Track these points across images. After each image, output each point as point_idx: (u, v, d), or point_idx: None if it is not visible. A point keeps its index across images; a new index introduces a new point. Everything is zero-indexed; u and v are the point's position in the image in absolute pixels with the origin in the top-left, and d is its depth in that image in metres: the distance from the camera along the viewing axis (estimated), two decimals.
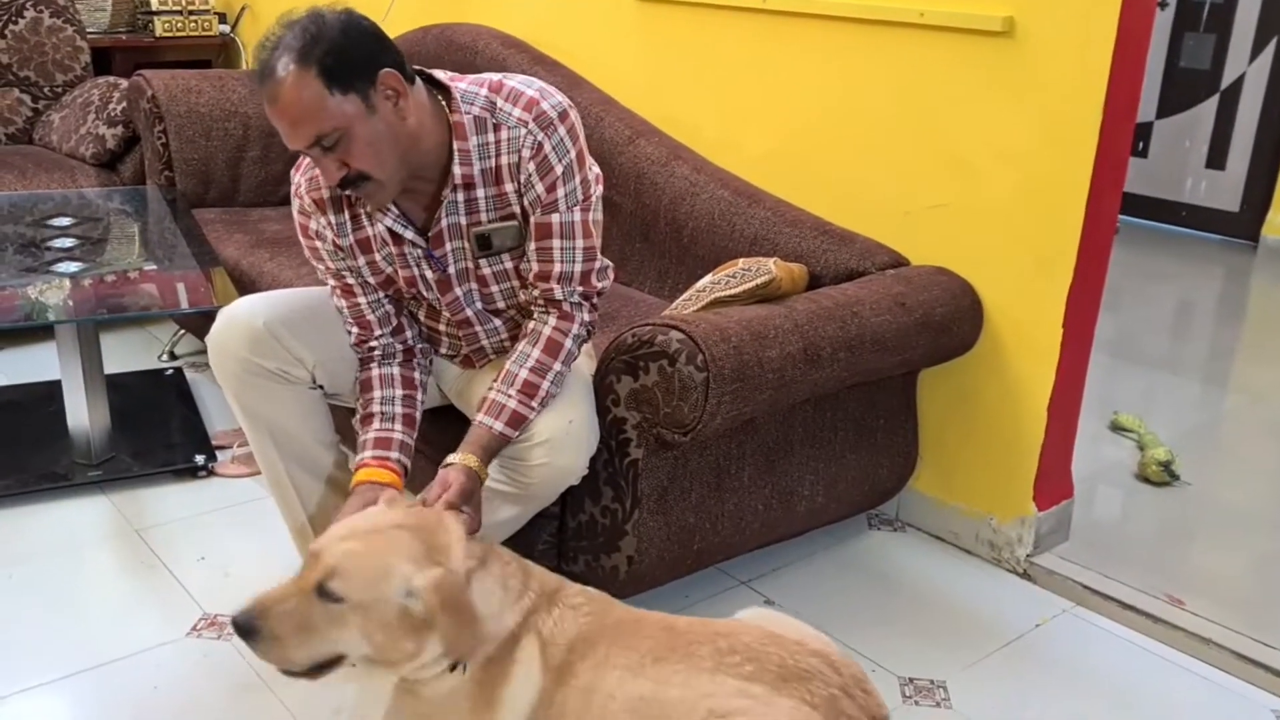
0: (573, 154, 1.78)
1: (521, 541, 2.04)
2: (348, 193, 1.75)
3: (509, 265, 1.87)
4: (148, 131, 3.32)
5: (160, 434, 2.80)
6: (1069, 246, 2.16)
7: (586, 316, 1.89)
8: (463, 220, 1.82)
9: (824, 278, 2.31)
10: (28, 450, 2.67)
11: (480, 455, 1.74)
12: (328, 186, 1.79)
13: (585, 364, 2.00)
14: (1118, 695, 2.00)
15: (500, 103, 1.77)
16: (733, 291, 2.08)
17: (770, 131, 2.64)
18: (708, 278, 2.17)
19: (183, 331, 3.39)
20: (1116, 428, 3.09)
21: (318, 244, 1.89)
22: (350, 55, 1.62)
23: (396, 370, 1.94)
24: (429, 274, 1.87)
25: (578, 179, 1.80)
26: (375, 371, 1.93)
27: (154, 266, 2.74)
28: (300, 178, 1.87)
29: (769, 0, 2.55)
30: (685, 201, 2.62)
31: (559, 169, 1.77)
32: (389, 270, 1.88)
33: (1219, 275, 4.93)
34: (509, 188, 1.79)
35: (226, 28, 4.69)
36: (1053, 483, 2.37)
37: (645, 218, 2.71)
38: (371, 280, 1.91)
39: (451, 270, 1.86)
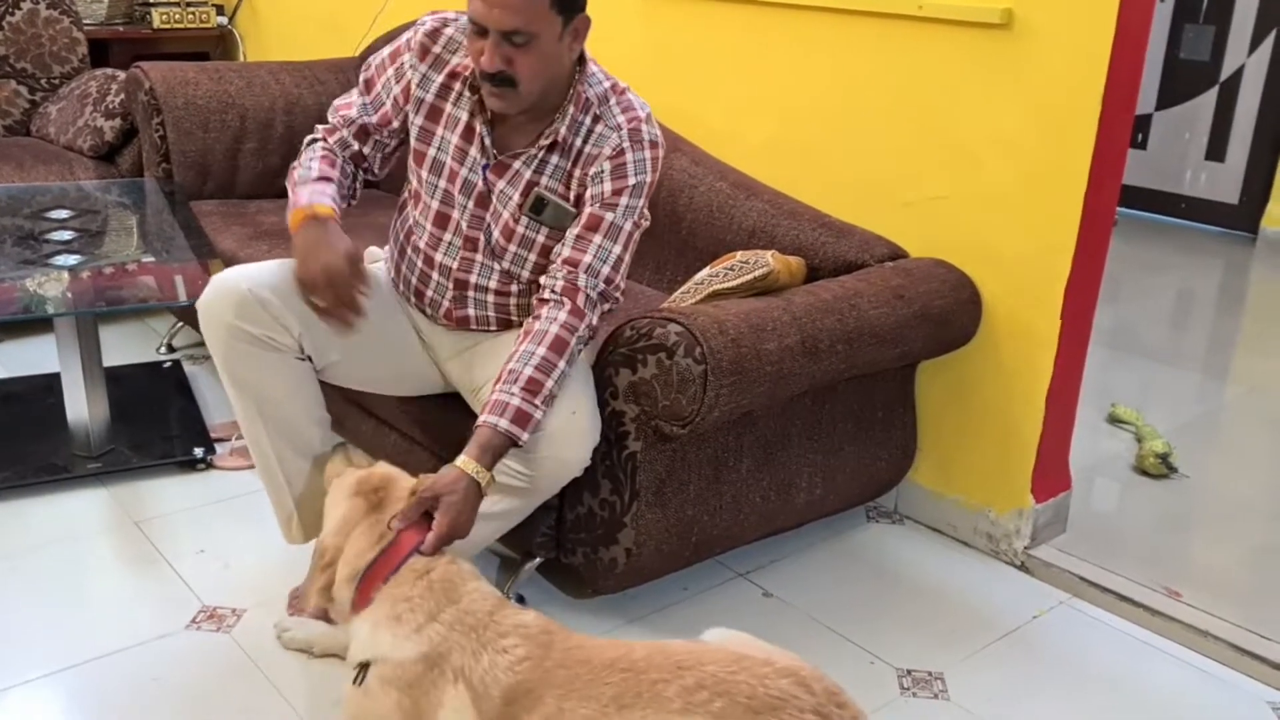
0: (647, 178, 1.89)
1: (520, 534, 2.04)
2: (488, 85, 1.79)
3: (540, 239, 1.92)
4: (145, 124, 3.31)
5: (159, 426, 2.80)
6: (1068, 238, 2.16)
7: (595, 319, 1.88)
8: (529, 175, 1.90)
9: (822, 270, 2.31)
10: (27, 442, 2.67)
11: (482, 459, 1.70)
12: (480, 68, 1.78)
13: (585, 354, 2.00)
14: (1114, 687, 2.01)
15: (612, 102, 1.90)
16: (731, 284, 2.08)
17: (769, 123, 2.64)
18: (706, 270, 2.17)
19: (181, 324, 3.39)
20: (1114, 420, 3.09)
21: (390, 75, 1.96)
22: None
23: (353, 176, 2.03)
24: (479, 182, 1.92)
25: (641, 202, 1.90)
26: (338, 162, 1.99)
27: (152, 259, 2.74)
28: (431, 20, 1.94)
29: None
30: (684, 194, 2.61)
31: (631, 181, 1.88)
32: (437, 153, 1.94)
33: (1218, 267, 4.93)
34: (577, 172, 1.89)
35: (224, 19, 4.68)
36: (1050, 475, 2.38)
37: None
38: (414, 142, 1.96)
39: (495, 202, 1.92)
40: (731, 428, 2.02)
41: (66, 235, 2.79)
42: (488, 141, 1.90)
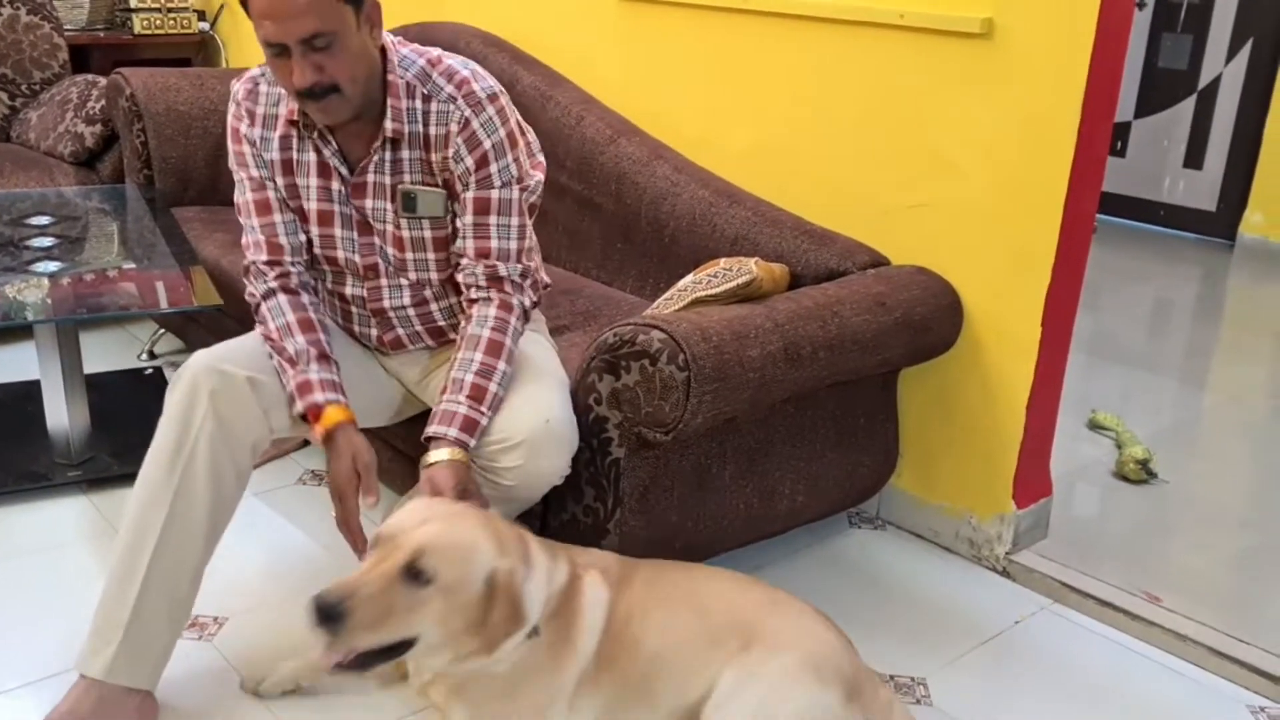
0: (502, 133, 1.85)
1: None
2: (310, 101, 1.75)
3: (428, 235, 1.91)
4: (126, 130, 3.30)
5: (140, 434, 2.75)
6: (1048, 245, 2.18)
7: (527, 301, 1.92)
8: (387, 180, 1.87)
9: (804, 277, 2.31)
10: (6, 450, 2.65)
11: (453, 441, 1.77)
12: (295, 87, 1.73)
13: (556, 363, 2.00)
14: (1096, 691, 2.02)
15: (435, 75, 1.85)
16: (714, 291, 2.09)
17: (751, 131, 2.65)
18: (689, 277, 2.18)
19: (162, 331, 3.37)
20: (1095, 426, 3.11)
21: (244, 149, 1.91)
22: None
23: (312, 308, 1.92)
24: (349, 210, 1.90)
25: (509, 157, 1.87)
26: (309, 310, 1.90)
27: (133, 265, 2.73)
28: (241, 85, 1.92)
29: (749, 1, 2.55)
30: (666, 201, 2.62)
31: (488, 144, 1.84)
32: (306, 204, 1.91)
33: (1196, 274, 4.97)
34: (434, 157, 1.86)
35: (206, 25, 4.67)
36: (1032, 481, 2.39)
37: (626, 217, 2.72)
38: (284, 196, 1.93)
39: (371, 221, 1.91)
40: (714, 434, 2.02)
41: (47, 242, 2.77)
42: (342, 169, 1.87)
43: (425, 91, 1.84)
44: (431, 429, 1.78)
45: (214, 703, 1.87)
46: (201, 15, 4.67)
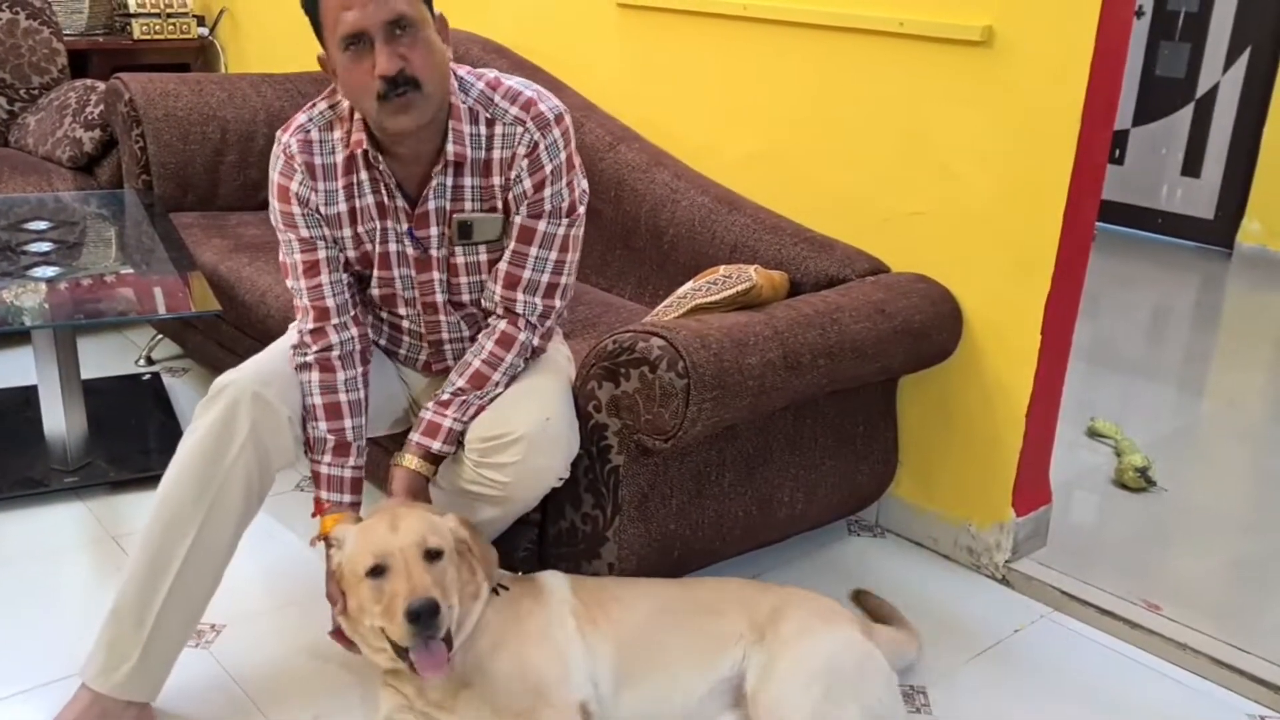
0: (563, 156, 1.83)
1: (501, 548, 2.03)
2: (391, 99, 1.69)
3: (483, 258, 1.89)
4: (125, 135, 3.29)
5: (137, 440, 2.78)
6: (1048, 253, 2.18)
7: (535, 340, 1.90)
8: (447, 205, 1.84)
9: (804, 285, 2.31)
10: (3, 456, 2.64)
11: (419, 453, 1.86)
12: (379, 74, 1.69)
13: (565, 365, 2.00)
14: (1095, 700, 2.01)
15: (498, 99, 1.81)
16: (714, 298, 2.09)
17: (751, 138, 2.65)
18: (689, 284, 2.18)
19: (160, 336, 3.37)
20: (1094, 434, 3.11)
21: (294, 209, 1.85)
22: None
23: (360, 382, 1.91)
24: (410, 250, 1.87)
25: (564, 181, 1.84)
26: (339, 392, 1.88)
27: (131, 271, 2.72)
28: (291, 138, 1.85)
29: (750, 8, 2.56)
30: (666, 208, 2.62)
31: (548, 168, 1.82)
32: (369, 246, 1.88)
33: (1194, 282, 4.97)
34: (496, 181, 1.83)
35: (205, 30, 4.67)
36: (1031, 488, 2.39)
37: (626, 224, 2.71)
38: (352, 253, 1.90)
39: (432, 251, 1.88)
40: (714, 442, 2.02)
41: (45, 247, 2.77)
42: (402, 203, 1.83)
43: (488, 115, 1.80)
44: (415, 435, 1.87)
45: (211, 711, 1.86)
46: (201, 21, 4.67)
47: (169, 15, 4.56)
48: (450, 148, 1.79)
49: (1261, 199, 5.10)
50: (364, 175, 1.84)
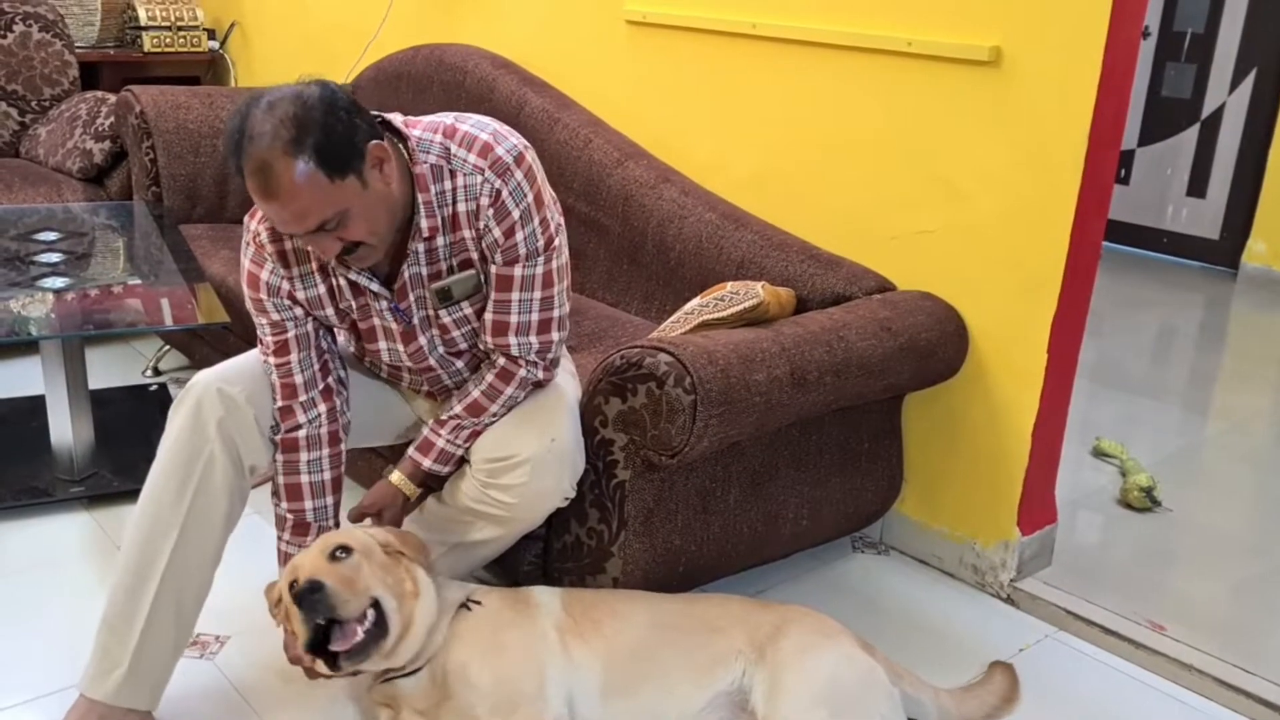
0: (530, 198, 1.75)
1: (506, 562, 2.04)
2: (343, 255, 1.69)
3: (468, 311, 1.86)
4: (135, 147, 3.31)
5: (143, 450, 2.75)
6: (1054, 272, 2.18)
7: (538, 374, 1.88)
8: (424, 270, 1.81)
9: (810, 302, 2.32)
10: (9, 465, 2.65)
11: (408, 470, 1.91)
12: (317, 253, 1.73)
13: (571, 382, 2.00)
14: None
15: (454, 149, 1.73)
16: (721, 315, 2.09)
17: (759, 156, 2.66)
18: (696, 300, 2.18)
19: (167, 347, 3.38)
20: (1099, 453, 3.11)
21: (263, 296, 1.84)
22: (341, 137, 1.59)
23: (325, 463, 1.90)
24: (393, 325, 1.86)
25: (536, 220, 1.76)
26: (300, 473, 1.88)
27: (139, 282, 2.73)
28: (260, 226, 1.82)
29: (758, 27, 2.57)
30: (673, 224, 2.63)
31: (516, 213, 1.74)
32: (353, 318, 1.88)
33: (1199, 302, 4.97)
34: (467, 234, 1.77)
35: (215, 44, 4.69)
36: (1036, 507, 2.39)
37: (633, 240, 2.72)
38: (340, 330, 1.91)
39: (415, 320, 1.86)
40: (719, 458, 2.02)
41: (54, 257, 2.78)
42: (374, 286, 1.80)
43: (450, 168, 1.73)
44: (412, 451, 1.92)
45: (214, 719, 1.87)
46: (212, 34, 4.70)
47: (180, 28, 4.58)
48: (423, 223, 1.74)
49: (1267, 219, 5.10)
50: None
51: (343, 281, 1.82)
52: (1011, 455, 2.32)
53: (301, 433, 1.87)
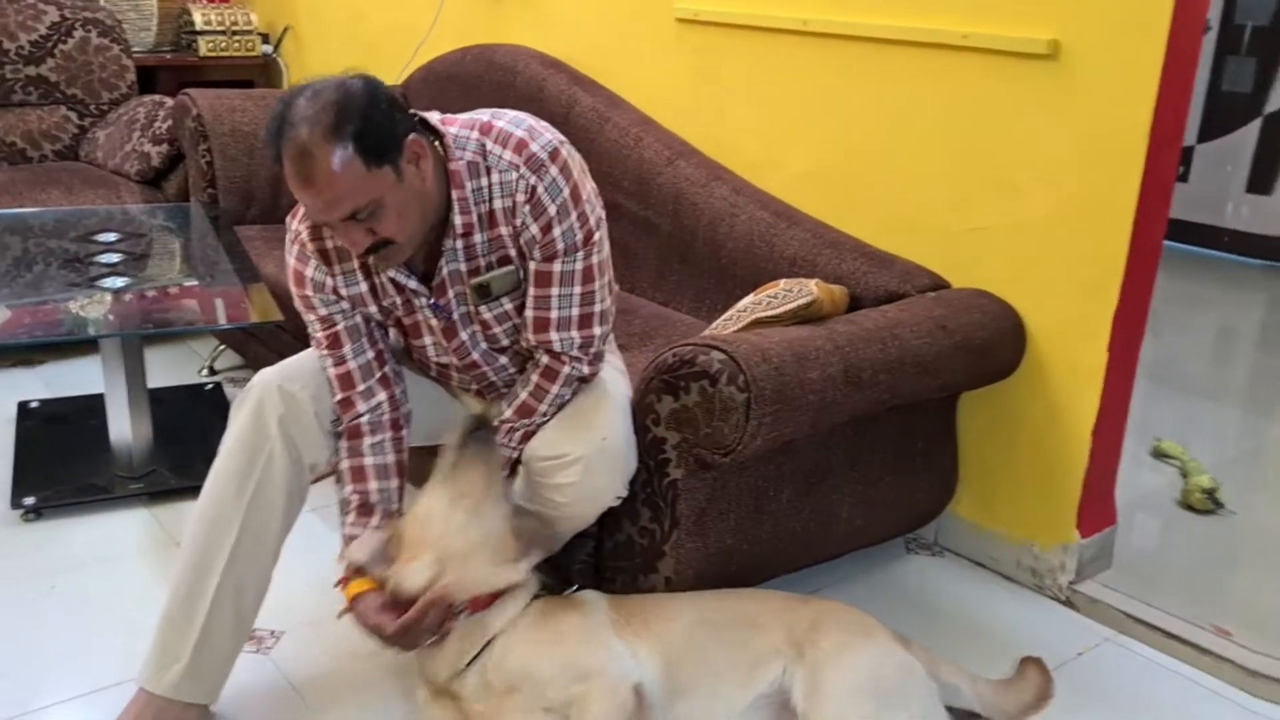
0: (566, 192, 1.74)
1: (558, 562, 2.04)
2: (372, 252, 1.70)
3: (509, 307, 1.86)
4: (192, 149, 3.36)
5: (200, 448, 2.80)
6: (1115, 270, 2.14)
7: (583, 369, 1.86)
8: (463, 267, 1.81)
9: (864, 300, 2.29)
10: (69, 462, 2.70)
11: None
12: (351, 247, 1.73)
13: (621, 381, 2.00)
14: None
15: (490, 145, 1.73)
16: (774, 312, 2.08)
17: (811, 153, 2.63)
18: (749, 298, 2.17)
19: (223, 347, 3.42)
20: (1159, 454, 3.05)
21: (309, 292, 1.85)
22: (380, 127, 1.61)
23: (389, 446, 1.89)
24: (434, 322, 1.86)
25: (574, 215, 1.75)
26: (364, 455, 1.86)
27: (196, 282, 2.77)
28: (301, 225, 1.84)
29: (810, 23, 2.55)
30: (724, 222, 2.61)
31: (553, 209, 1.73)
32: (398, 314, 1.89)
33: (1262, 301, 4.87)
34: (504, 231, 1.77)
35: (269, 48, 4.75)
36: (1096, 509, 2.34)
37: (684, 238, 2.71)
38: (389, 325, 1.91)
39: (455, 316, 1.86)
40: (773, 457, 2.00)
41: (113, 258, 2.83)
42: (411, 281, 1.80)
43: (485, 166, 1.73)
44: None
45: (271, 716, 1.88)
46: (265, 38, 4.76)
47: (234, 33, 4.65)
48: (457, 220, 1.74)
49: None
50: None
51: (384, 279, 1.83)
52: (1071, 456, 2.28)
53: (365, 419, 1.87)
